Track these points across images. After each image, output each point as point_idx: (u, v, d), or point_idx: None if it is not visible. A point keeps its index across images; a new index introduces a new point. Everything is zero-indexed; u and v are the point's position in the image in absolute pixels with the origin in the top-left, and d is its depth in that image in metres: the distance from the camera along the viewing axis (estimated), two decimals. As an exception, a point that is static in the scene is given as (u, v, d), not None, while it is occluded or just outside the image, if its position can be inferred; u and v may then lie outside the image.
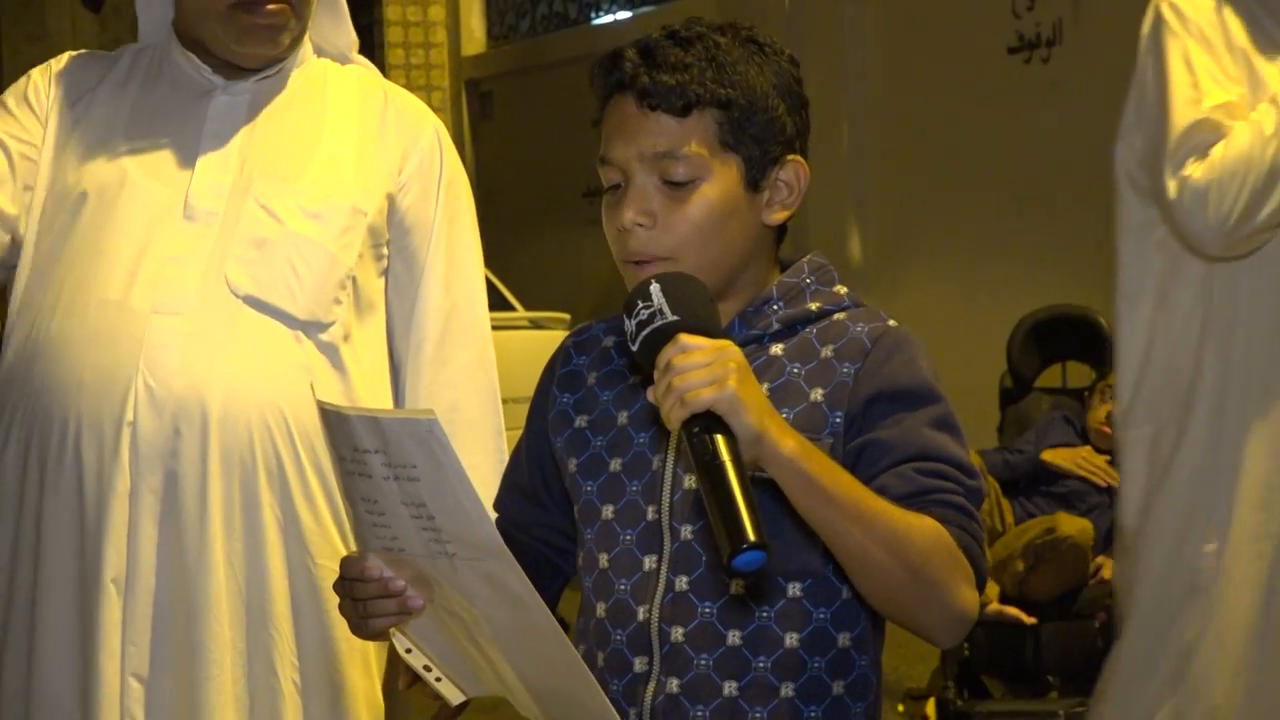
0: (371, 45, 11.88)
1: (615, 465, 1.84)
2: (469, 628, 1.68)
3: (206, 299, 2.34)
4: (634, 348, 1.61)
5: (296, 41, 2.47)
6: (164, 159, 2.42)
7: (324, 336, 2.40)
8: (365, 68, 2.61)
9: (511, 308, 7.43)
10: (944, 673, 4.58)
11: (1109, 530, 4.74)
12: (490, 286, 7.42)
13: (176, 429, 2.30)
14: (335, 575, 2.32)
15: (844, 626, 1.77)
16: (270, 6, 2.38)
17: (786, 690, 1.75)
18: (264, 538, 2.35)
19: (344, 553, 2.34)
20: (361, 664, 2.42)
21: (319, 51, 2.56)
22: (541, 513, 1.94)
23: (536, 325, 7.21)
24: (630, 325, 1.61)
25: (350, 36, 2.59)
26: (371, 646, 2.42)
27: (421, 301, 2.51)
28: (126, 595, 2.29)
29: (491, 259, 9.36)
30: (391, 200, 2.48)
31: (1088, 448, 4.85)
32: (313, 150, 2.44)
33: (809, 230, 7.96)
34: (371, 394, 2.46)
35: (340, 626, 2.34)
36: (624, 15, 10.39)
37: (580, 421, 1.89)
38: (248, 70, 2.47)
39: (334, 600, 2.31)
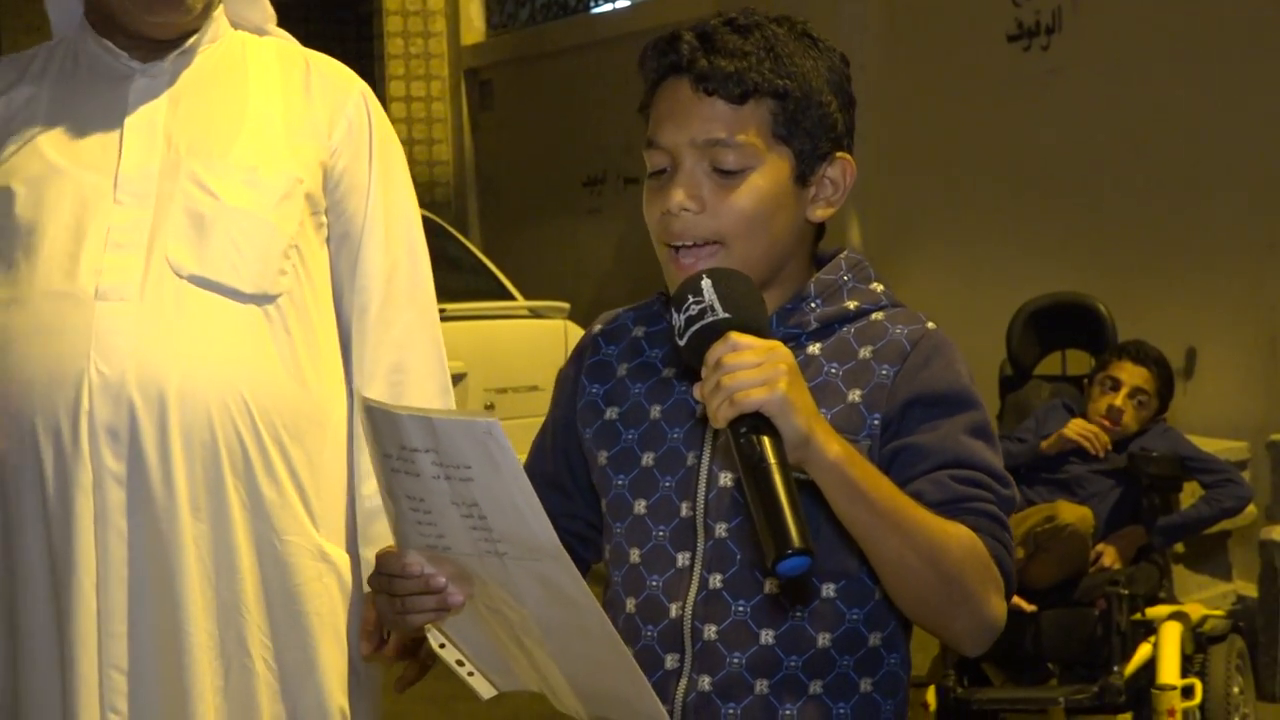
0: (370, 34, 11.89)
1: (647, 460, 1.83)
2: (514, 626, 1.67)
3: (151, 282, 2.31)
4: (681, 342, 1.60)
5: (208, 9, 2.43)
6: (89, 146, 2.39)
7: (272, 309, 2.37)
8: (283, 39, 2.57)
9: (511, 297, 7.41)
10: (944, 661, 4.58)
11: (1108, 517, 4.75)
12: (489, 275, 7.53)
13: (134, 416, 2.28)
14: (303, 550, 2.36)
15: (876, 626, 1.77)
16: None
17: (815, 687, 1.75)
18: (229, 518, 2.33)
19: (309, 527, 2.37)
20: (333, 636, 2.40)
21: (236, 25, 2.53)
22: (566, 502, 1.93)
23: (536, 314, 7.18)
24: (679, 320, 1.60)
25: (266, 10, 2.56)
26: (342, 618, 2.41)
27: (362, 264, 2.47)
28: (100, 588, 2.27)
29: (491, 248, 9.36)
30: (324, 167, 2.45)
31: (1079, 418, 4.86)
32: (239, 122, 2.41)
33: (809, 219, 7.96)
34: (323, 363, 2.44)
35: (309, 600, 2.37)
36: (623, 4, 10.38)
37: (611, 413, 1.88)
38: (163, 48, 2.44)
39: (303, 575, 2.35)
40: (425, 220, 2.69)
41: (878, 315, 1.81)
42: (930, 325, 1.80)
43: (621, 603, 1.82)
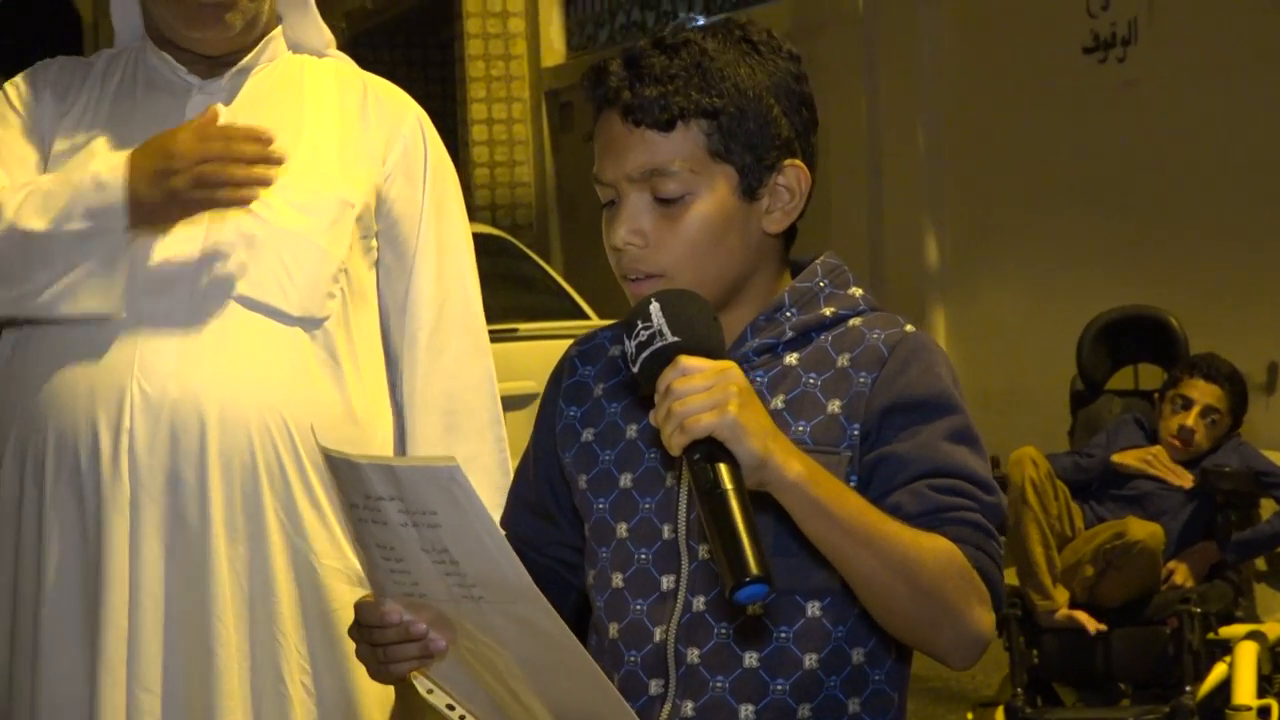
0: (452, 58, 11.97)
1: (625, 481, 1.79)
2: (498, 668, 1.64)
3: (198, 301, 2.32)
4: (634, 370, 1.57)
5: (253, 25, 2.42)
6: None
7: (319, 332, 2.36)
8: (342, 60, 2.57)
9: (586, 317, 7.42)
10: (1013, 680, 4.51)
11: (1180, 534, 4.67)
12: (564, 295, 7.54)
13: (174, 435, 2.28)
14: (340, 575, 2.35)
15: (857, 642, 1.72)
16: None
17: (804, 711, 1.71)
18: (268, 540, 2.32)
19: (348, 553, 2.33)
20: None
21: (295, 48, 2.53)
22: (552, 529, 1.90)
23: (610, 334, 7.17)
24: (630, 346, 1.57)
25: (325, 35, 2.55)
26: None
27: (413, 292, 2.46)
28: (133, 608, 2.27)
29: (572, 269, 9.40)
30: (378, 191, 2.44)
31: (1158, 447, 4.77)
32: (294, 143, 2.39)
33: (885, 234, 7.91)
34: (368, 388, 2.43)
35: (345, 626, 2.34)
36: (701, 21, 10.36)
37: (587, 435, 1.84)
38: (220, 66, 2.44)
39: (339, 600, 2.33)
40: (499, 241, 2.69)
41: (855, 321, 1.75)
42: (909, 328, 1.74)
43: (605, 628, 1.78)
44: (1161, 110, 6.55)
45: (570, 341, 1.95)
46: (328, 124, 2.45)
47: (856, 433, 1.68)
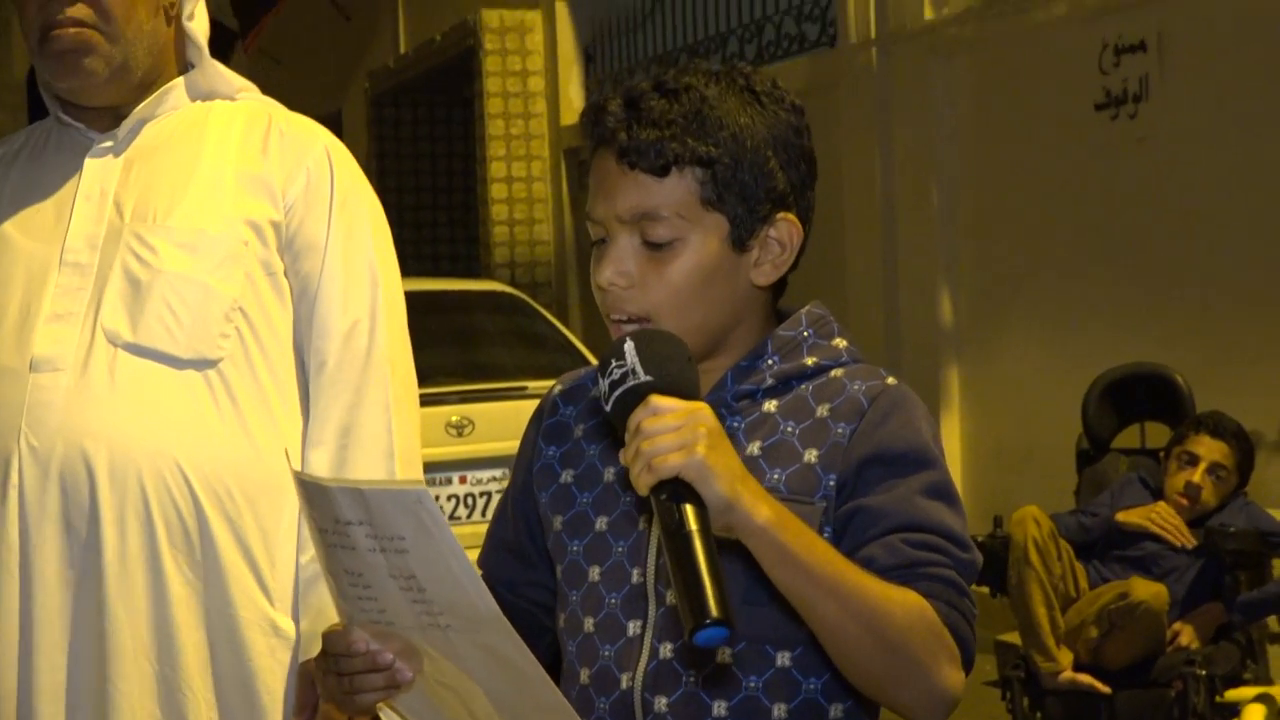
0: (472, 116, 12.00)
1: (601, 524, 1.78)
2: (465, 699, 1.63)
3: (85, 351, 2.29)
4: (607, 408, 1.56)
5: (125, 72, 2.39)
6: (42, 219, 2.38)
7: (213, 373, 2.32)
8: (257, 101, 2.53)
9: (589, 363, 7.38)
10: (1016, 742, 4.46)
11: (1186, 595, 4.61)
12: (575, 353, 7.51)
13: (64, 489, 2.25)
14: (254, 625, 2.32)
15: (836, 697, 1.69)
16: (60, 32, 2.32)
17: None
18: (168, 593, 2.28)
19: (261, 600, 2.31)
20: (288, 715, 2.34)
21: (208, 95, 2.50)
22: (530, 571, 1.88)
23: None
24: (604, 385, 1.56)
25: (232, 82, 2.52)
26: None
27: (317, 323, 2.40)
28: (28, 672, 2.23)
29: (589, 327, 9.33)
30: (277, 226, 2.39)
31: (1163, 503, 4.72)
32: (186, 185, 2.37)
33: (900, 292, 7.88)
34: (278, 426, 2.38)
35: (261, 676, 2.31)
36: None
37: (566, 476, 1.83)
38: (118, 118, 2.42)
39: (254, 650, 2.30)
40: (511, 299, 2.63)
41: (837, 372, 1.74)
42: (890, 381, 1.72)
43: (576, 674, 1.76)
44: (1172, 167, 6.51)
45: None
46: (224, 163, 2.41)
47: (832, 483, 1.67)
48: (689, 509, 1.47)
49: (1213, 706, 4.39)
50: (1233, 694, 4.47)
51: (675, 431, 1.48)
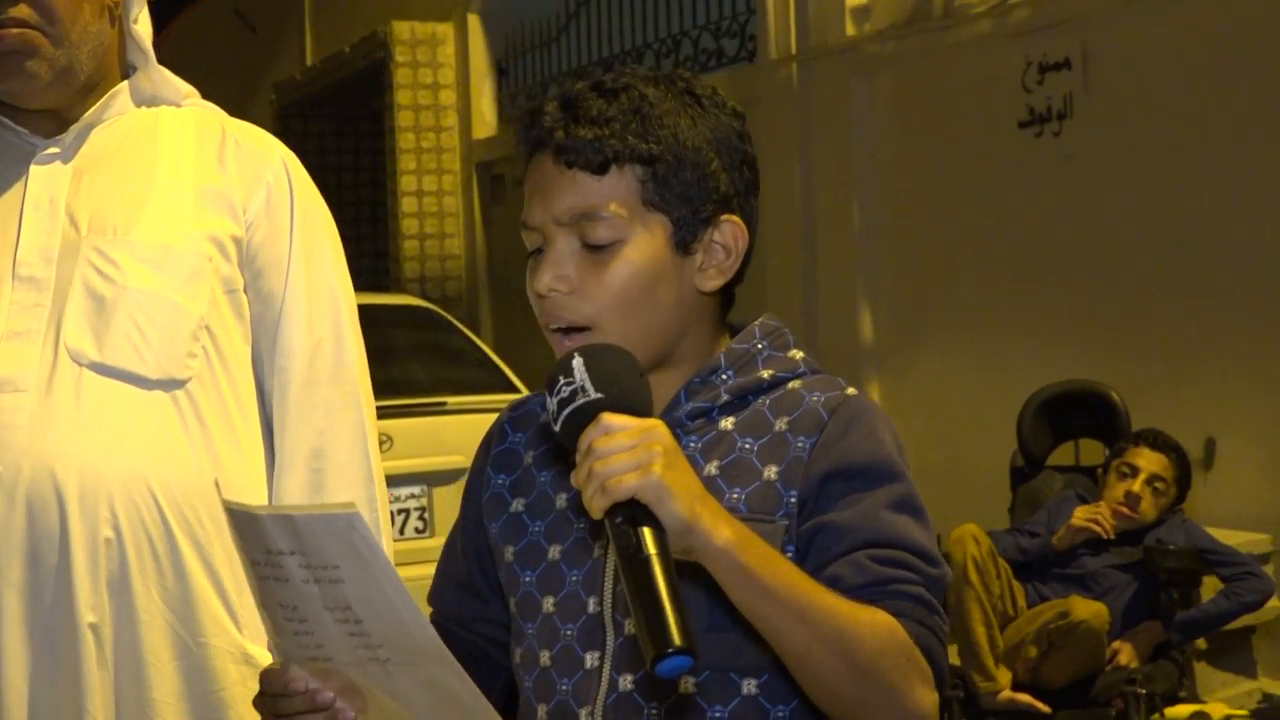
0: (382, 129, 11.88)
1: (554, 553, 1.70)
2: None
3: (50, 372, 2.19)
4: (556, 428, 1.48)
5: (69, 75, 2.29)
6: None
7: (181, 394, 2.23)
8: (205, 109, 2.44)
9: (516, 390, 7.29)
10: (955, 762, 4.42)
11: (1124, 613, 4.60)
12: (494, 368, 7.42)
13: (31, 515, 2.14)
14: (224, 653, 2.23)
15: None
16: (2, 33, 2.22)
17: None
18: (138, 622, 2.19)
19: (230, 628, 2.23)
20: None
21: (152, 101, 2.40)
22: (481, 606, 1.81)
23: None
24: (552, 404, 1.48)
25: (178, 88, 2.43)
26: None
27: (281, 343, 2.33)
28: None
29: (502, 343, 9.26)
30: (238, 242, 2.31)
31: (1103, 504, 4.71)
32: (145, 197, 2.28)
33: (820, 308, 7.85)
34: (243, 449, 2.30)
35: (232, 708, 2.22)
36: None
37: (517, 505, 1.75)
38: (64, 124, 2.32)
39: (224, 680, 2.22)
40: (427, 313, 2.55)
41: (795, 384, 1.67)
42: (850, 391, 1.66)
43: (533, 710, 1.69)
44: (1098, 185, 6.53)
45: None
46: (182, 175, 2.32)
47: (794, 500, 1.60)
48: (646, 532, 1.40)
49: (1150, 725, 4.37)
50: (1171, 712, 4.47)
51: (629, 451, 1.41)
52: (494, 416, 1.86)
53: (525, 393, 7.28)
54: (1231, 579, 4.60)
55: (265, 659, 2.23)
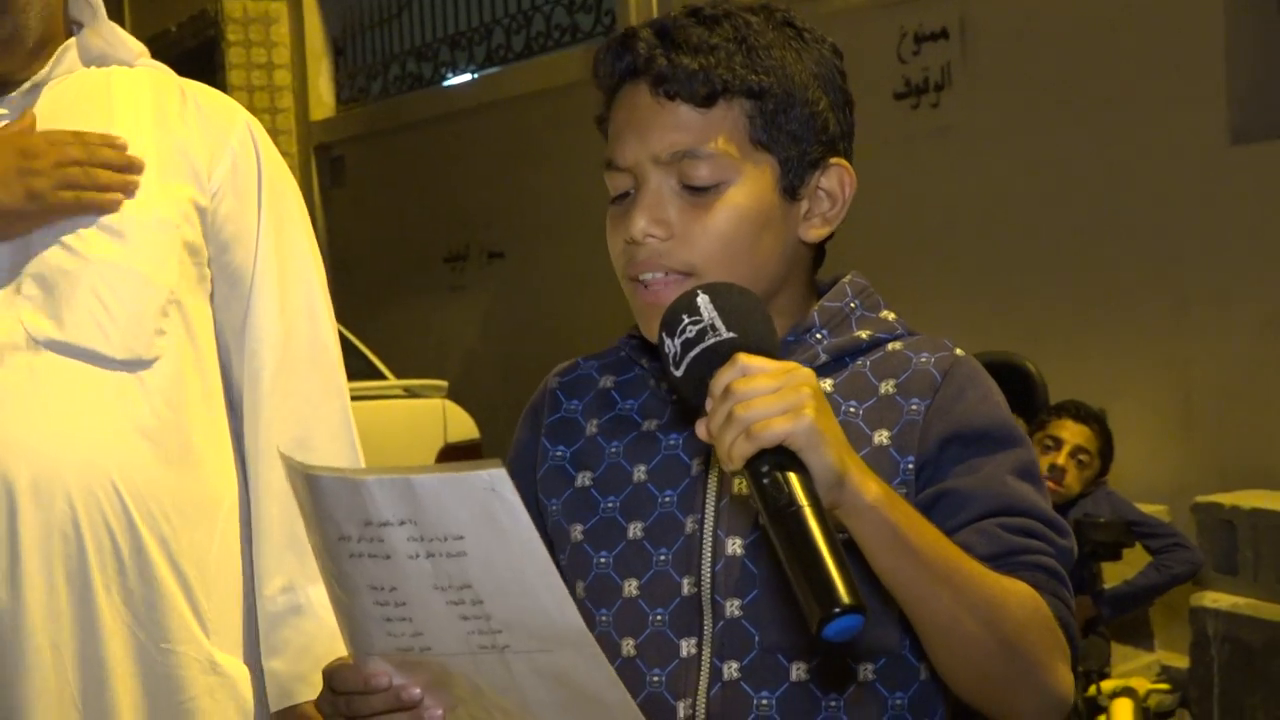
0: (214, 111, 11.52)
1: (635, 531, 1.55)
2: None
3: (4, 352, 1.99)
4: (678, 372, 1.34)
5: (13, 41, 2.09)
6: None
7: (148, 375, 2.04)
8: (158, 69, 2.25)
9: (383, 376, 7.04)
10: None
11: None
12: (359, 355, 7.14)
13: None
14: (191, 661, 2.03)
15: (922, 713, 1.51)
16: None
17: None
18: (99, 626, 2.00)
19: (198, 634, 2.04)
20: None
21: (101, 59, 2.20)
22: None
23: (412, 394, 6.82)
24: (674, 346, 1.33)
25: (130, 46, 2.24)
26: None
27: (253, 327, 2.15)
28: None
29: (348, 329, 8.97)
30: (203, 211, 2.12)
31: None
32: None
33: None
34: (212, 438, 2.12)
35: (202, 716, 2.05)
36: (473, 76, 10.08)
37: (583, 479, 1.60)
38: (12, 85, 2.12)
39: (191, 690, 2.03)
40: None
41: (895, 345, 1.58)
42: (959, 351, 1.57)
43: None
44: (980, 155, 6.48)
45: (372, 403, 1.65)
46: (142, 138, 2.13)
47: (910, 466, 1.50)
48: (796, 480, 1.25)
49: (1085, 700, 4.31)
50: (1101, 687, 4.40)
51: (776, 394, 1.27)
52: (364, 404, 1.68)
53: (390, 377, 7.06)
54: (1160, 551, 4.56)
55: (235, 668, 2.08)
